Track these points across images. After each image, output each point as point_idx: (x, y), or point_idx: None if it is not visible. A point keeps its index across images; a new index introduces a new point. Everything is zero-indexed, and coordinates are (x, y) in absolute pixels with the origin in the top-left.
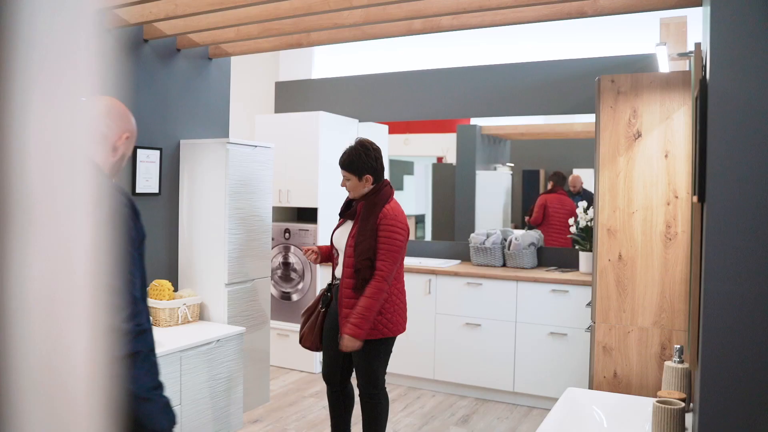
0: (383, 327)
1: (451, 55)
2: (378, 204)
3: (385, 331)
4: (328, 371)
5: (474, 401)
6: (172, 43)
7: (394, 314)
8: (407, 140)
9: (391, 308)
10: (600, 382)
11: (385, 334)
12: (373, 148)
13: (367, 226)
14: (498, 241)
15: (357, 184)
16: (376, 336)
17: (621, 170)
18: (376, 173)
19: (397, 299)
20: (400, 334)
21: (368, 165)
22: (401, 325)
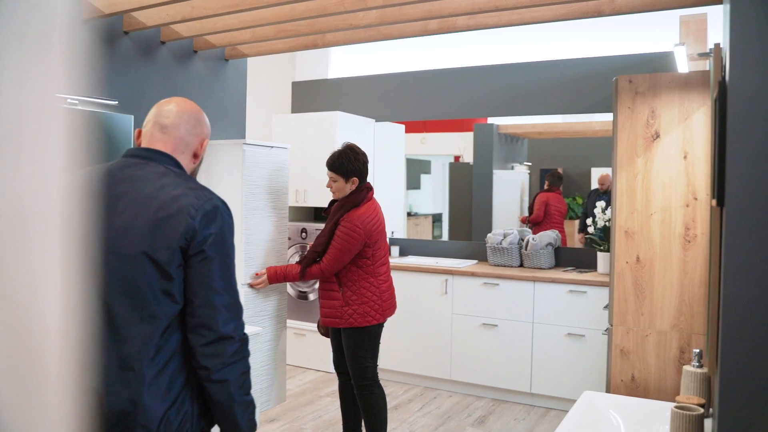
0: (349, 317)
1: (468, 55)
2: (346, 206)
3: (351, 320)
4: (336, 358)
5: (491, 402)
6: (188, 44)
7: (363, 306)
8: (424, 139)
9: (358, 300)
10: (617, 385)
11: (351, 324)
12: (361, 152)
13: (329, 224)
14: (515, 241)
15: (343, 186)
16: (344, 325)
17: (639, 171)
18: (362, 176)
19: (368, 292)
20: (371, 324)
21: (356, 168)
22: (374, 317)
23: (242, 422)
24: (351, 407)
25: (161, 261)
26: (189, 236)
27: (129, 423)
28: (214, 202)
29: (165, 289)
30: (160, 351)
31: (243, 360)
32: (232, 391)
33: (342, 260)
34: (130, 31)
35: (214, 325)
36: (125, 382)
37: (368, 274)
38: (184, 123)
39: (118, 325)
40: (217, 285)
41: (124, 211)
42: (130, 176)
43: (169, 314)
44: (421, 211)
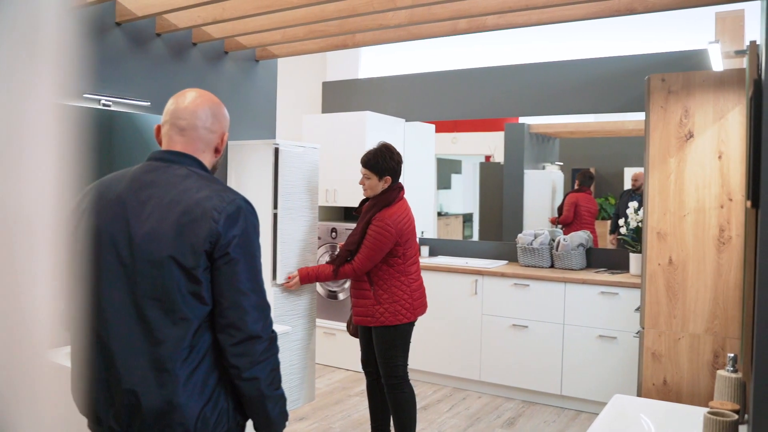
0: (380, 315)
1: (499, 54)
2: (377, 205)
3: (382, 319)
4: (364, 357)
5: (521, 404)
6: (219, 46)
7: (394, 304)
8: (455, 139)
9: (389, 298)
10: (649, 389)
11: (383, 323)
12: (396, 152)
13: (361, 223)
14: (546, 242)
15: (376, 184)
16: (376, 324)
17: (671, 172)
18: (396, 176)
19: (399, 291)
20: (401, 323)
21: (390, 167)
22: (405, 316)
23: (273, 415)
24: (379, 406)
25: (188, 265)
26: (213, 240)
27: (167, 422)
28: (237, 203)
29: (193, 291)
30: (193, 351)
31: (272, 357)
32: (262, 388)
33: (374, 259)
34: (163, 33)
35: (242, 325)
36: (161, 383)
37: (399, 273)
38: (201, 122)
39: (152, 328)
40: (243, 286)
41: (150, 216)
42: (154, 180)
43: (199, 315)
44: (451, 211)
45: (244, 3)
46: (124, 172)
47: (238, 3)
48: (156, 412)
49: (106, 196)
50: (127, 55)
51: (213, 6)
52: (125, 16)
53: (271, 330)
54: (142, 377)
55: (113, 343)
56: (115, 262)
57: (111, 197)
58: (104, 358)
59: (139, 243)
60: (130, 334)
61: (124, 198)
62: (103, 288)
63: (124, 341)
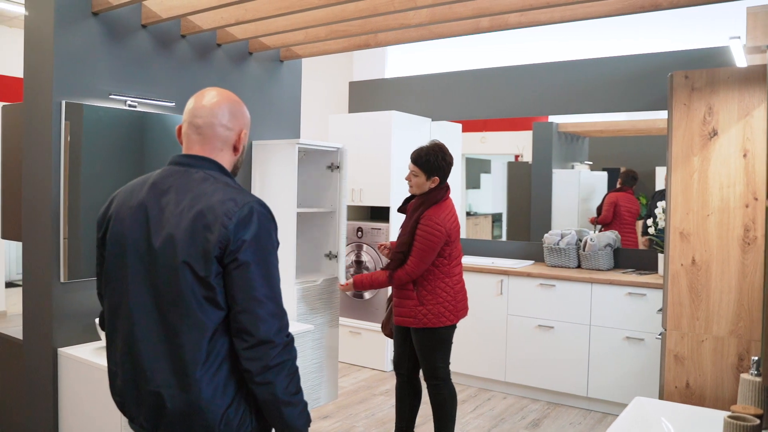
0: (423, 317)
1: (525, 52)
2: (425, 204)
3: (425, 321)
4: (397, 359)
5: (546, 405)
6: (244, 46)
7: (437, 306)
8: (484, 138)
9: (433, 300)
10: (671, 392)
11: (426, 324)
12: (449, 153)
13: (409, 222)
14: (573, 242)
15: (423, 182)
16: (418, 325)
17: (695, 170)
18: (444, 176)
19: (444, 293)
20: (445, 325)
21: (440, 167)
22: (448, 318)
23: (290, 420)
24: (406, 408)
25: (200, 271)
26: (223, 245)
27: (191, 423)
28: (251, 206)
29: (207, 296)
30: (210, 355)
31: (287, 362)
32: (277, 392)
33: (427, 260)
34: (187, 34)
35: (254, 330)
36: (182, 386)
37: (444, 274)
38: (218, 120)
39: (172, 332)
40: (255, 290)
41: (168, 221)
42: (172, 186)
43: (215, 320)
44: (480, 210)
45: (266, 4)
46: (145, 178)
47: (260, 4)
48: (180, 413)
49: (128, 203)
50: (153, 56)
51: (235, 7)
52: (150, 18)
53: (286, 335)
54: (165, 380)
55: (140, 346)
56: (140, 267)
57: (133, 204)
58: (132, 360)
59: (158, 249)
60: (153, 337)
61: (146, 204)
62: (130, 292)
63: (149, 344)
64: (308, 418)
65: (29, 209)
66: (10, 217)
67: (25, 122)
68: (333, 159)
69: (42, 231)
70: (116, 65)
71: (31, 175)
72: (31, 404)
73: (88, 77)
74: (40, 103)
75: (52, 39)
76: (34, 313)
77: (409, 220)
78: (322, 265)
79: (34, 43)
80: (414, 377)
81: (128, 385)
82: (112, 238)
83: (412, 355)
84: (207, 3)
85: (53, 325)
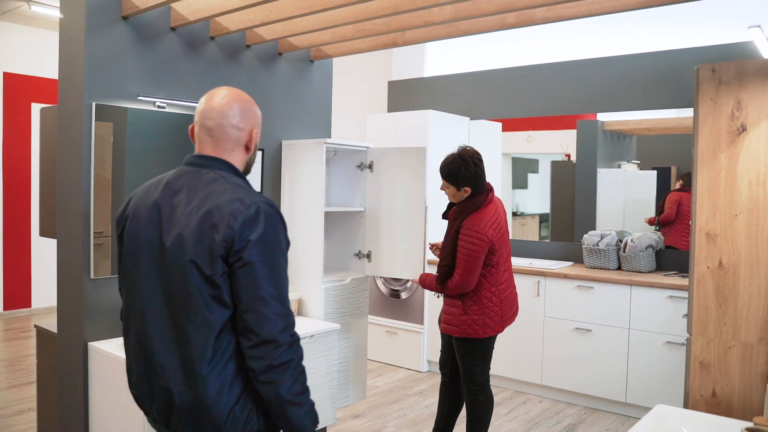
0: (467, 327)
1: (566, 48)
2: (465, 212)
3: (469, 331)
4: (442, 358)
5: (583, 410)
6: (273, 47)
7: (482, 317)
8: (530, 137)
9: (478, 310)
10: (696, 400)
11: (469, 335)
12: (474, 161)
13: (450, 233)
14: (613, 243)
15: (456, 193)
16: (460, 335)
17: (722, 168)
18: (475, 185)
19: (490, 302)
20: (488, 336)
21: (466, 177)
22: (493, 329)
23: (295, 420)
24: (446, 407)
25: (206, 269)
26: (228, 244)
27: (198, 419)
28: (258, 206)
29: (213, 295)
30: (217, 353)
31: (291, 362)
32: (281, 392)
33: (473, 270)
34: (216, 36)
35: (258, 329)
36: (190, 383)
37: (491, 283)
38: (228, 121)
39: (180, 329)
40: (260, 290)
41: (178, 221)
42: (183, 186)
43: (221, 318)
44: (528, 210)
45: (290, 4)
46: (160, 178)
47: (284, 4)
48: (188, 409)
49: (144, 203)
50: (182, 58)
51: (261, 8)
52: (179, 21)
53: (291, 334)
54: (174, 376)
55: (151, 342)
56: (152, 266)
57: (148, 203)
58: (144, 356)
59: (168, 248)
60: (164, 334)
61: (159, 204)
62: (142, 290)
63: (160, 341)
64: (315, 419)
65: (62, 208)
66: (47, 216)
67: (60, 123)
68: (362, 158)
69: (73, 229)
70: (146, 67)
71: (64, 175)
72: (64, 394)
73: (118, 80)
74: (72, 104)
75: (84, 43)
76: (66, 309)
77: (451, 229)
78: (351, 264)
79: (67, 47)
80: (456, 379)
81: (141, 379)
82: (128, 237)
83: (455, 358)
84: (232, 5)
85: (84, 319)
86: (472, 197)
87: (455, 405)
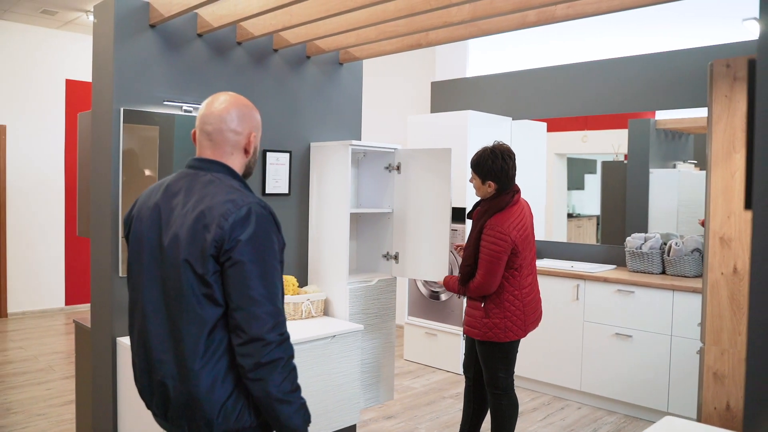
0: (488, 330)
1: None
2: (489, 210)
3: (490, 335)
4: (466, 362)
5: (622, 418)
6: (301, 51)
7: (504, 320)
8: (585, 137)
9: (500, 314)
10: (709, 413)
11: (490, 338)
12: (504, 157)
13: (473, 233)
14: (657, 246)
15: (480, 186)
16: (482, 338)
17: (737, 169)
18: (500, 182)
19: (512, 306)
20: (510, 340)
21: (492, 171)
22: (515, 333)
23: (284, 418)
24: (469, 412)
25: (198, 268)
26: (218, 244)
27: (192, 413)
28: (249, 207)
29: (205, 293)
30: (209, 349)
31: (280, 360)
32: (270, 389)
33: (495, 272)
34: (243, 41)
35: (247, 328)
36: (183, 378)
37: (513, 287)
38: (227, 125)
39: (175, 326)
40: (250, 289)
41: (175, 222)
42: (182, 188)
43: (213, 316)
44: (584, 212)
45: (309, 8)
46: (163, 181)
47: (303, 8)
48: (181, 403)
49: (147, 204)
50: (209, 63)
51: (282, 13)
52: (205, 27)
53: (280, 333)
54: (169, 371)
55: (150, 338)
56: (153, 265)
57: (150, 205)
58: (145, 351)
59: (166, 247)
60: (161, 330)
61: (160, 205)
62: (144, 288)
63: (158, 337)
64: (306, 417)
65: (94, 209)
66: (84, 217)
67: (93, 128)
68: (390, 160)
69: (104, 229)
70: (173, 73)
71: (97, 178)
72: (97, 386)
73: (146, 85)
74: (103, 109)
75: (113, 50)
76: (98, 305)
77: (474, 228)
78: (380, 265)
79: (99, 53)
80: (480, 383)
81: (143, 374)
82: (133, 237)
83: (478, 362)
84: (252, 11)
85: (112, 315)
86: (497, 197)
87: (480, 409)
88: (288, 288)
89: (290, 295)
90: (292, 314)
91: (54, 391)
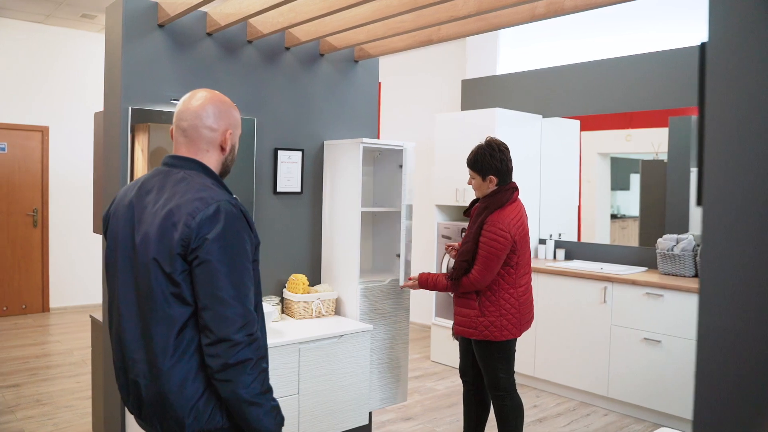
0: (484, 329)
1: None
2: (489, 207)
3: (486, 333)
4: (462, 366)
5: (650, 426)
6: (314, 48)
7: (500, 318)
8: (629, 136)
9: (496, 312)
10: None
11: (486, 337)
12: (500, 149)
13: (473, 228)
14: (689, 248)
15: (481, 184)
16: (478, 337)
17: None
18: (501, 175)
19: (507, 304)
20: (506, 339)
21: (492, 166)
22: (510, 332)
23: (253, 420)
24: (472, 417)
25: (166, 267)
26: (185, 242)
27: (163, 412)
28: (218, 205)
29: (174, 292)
30: (178, 349)
31: (248, 361)
32: (238, 391)
33: (492, 268)
34: (253, 39)
35: (215, 328)
36: (153, 377)
37: (509, 284)
38: (202, 122)
39: (146, 325)
40: (218, 289)
41: (146, 220)
42: (154, 186)
43: (182, 315)
44: (629, 213)
45: (312, 4)
46: (138, 179)
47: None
48: (153, 402)
49: (122, 202)
50: (219, 62)
51: (287, 9)
52: (214, 26)
53: (248, 334)
54: (141, 370)
55: (125, 336)
56: (127, 263)
57: (125, 203)
58: (120, 349)
59: (137, 246)
60: (134, 329)
61: (133, 203)
62: (119, 286)
63: (131, 335)
64: (278, 419)
65: (105, 207)
66: (98, 214)
67: (104, 127)
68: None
69: None
70: (182, 73)
71: (108, 176)
72: (108, 380)
73: (154, 85)
74: (113, 109)
75: (121, 50)
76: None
77: (473, 225)
78: (393, 265)
79: (110, 54)
80: (479, 386)
81: (120, 372)
82: (109, 235)
83: (475, 364)
84: (255, 8)
85: None
86: (497, 193)
87: (481, 413)
88: (298, 287)
89: (300, 294)
90: (302, 313)
91: (83, 384)
